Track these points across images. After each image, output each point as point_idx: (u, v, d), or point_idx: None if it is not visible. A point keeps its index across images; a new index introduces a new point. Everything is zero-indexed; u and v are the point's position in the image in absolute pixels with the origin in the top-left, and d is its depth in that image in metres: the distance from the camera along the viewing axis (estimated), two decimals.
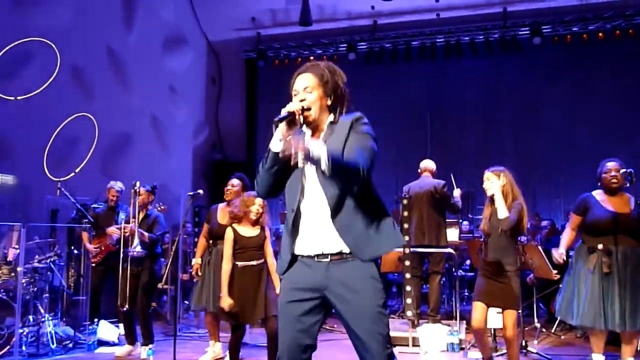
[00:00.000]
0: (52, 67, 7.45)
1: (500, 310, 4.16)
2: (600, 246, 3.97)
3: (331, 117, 2.41)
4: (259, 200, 4.34)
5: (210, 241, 5.12)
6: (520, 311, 5.66)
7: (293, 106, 2.29)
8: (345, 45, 11.26)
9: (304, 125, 2.38)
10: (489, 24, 10.90)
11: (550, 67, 11.03)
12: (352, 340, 2.30)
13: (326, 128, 2.40)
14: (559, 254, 4.30)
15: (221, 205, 5.20)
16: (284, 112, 2.27)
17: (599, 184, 4.18)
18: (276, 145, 2.26)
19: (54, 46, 7.46)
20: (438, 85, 11.62)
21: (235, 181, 5.16)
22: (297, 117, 2.27)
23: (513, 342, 4.08)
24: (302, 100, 2.34)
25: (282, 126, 2.24)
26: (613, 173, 4.07)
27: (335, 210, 2.25)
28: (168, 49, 10.44)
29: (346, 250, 2.26)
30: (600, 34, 10.47)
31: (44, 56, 7.41)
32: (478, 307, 4.09)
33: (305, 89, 2.36)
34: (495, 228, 4.04)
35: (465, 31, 11.02)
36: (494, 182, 4.12)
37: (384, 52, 11.42)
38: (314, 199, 2.31)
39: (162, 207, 5.90)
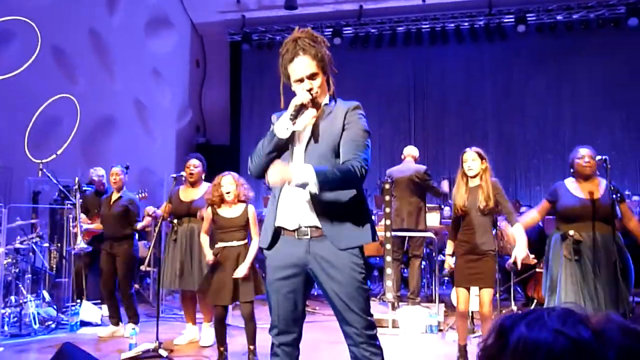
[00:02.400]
0: (33, 47, 7.35)
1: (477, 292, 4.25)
2: (571, 232, 4.00)
3: (327, 97, 2.44)
4: (227, 179, 4.25)
5: (175, 220, 5.04)
6: (498, 295, 5.79)
7: (304, 98, 2.30)
8: (331, 29, 11.25)
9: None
10: (474, 11, 10.95)
11: (534, 55, 11.12)
12: (334, 313, 2.41)
13: (323, 108, 2.42)
14: (519, 253, 4.07)
15: (182, 186, 5.15)
16: (296, 105, 2.29)
17: (571, 169, 4.17)
18: (282, 132, 2.30)
19: (34, 25, 7.36)
20: (423, 71, 11.68)
21: (195, 161, 5.09)
22: (307, 105, 2.31)
23: (489, 319, 4.16)
24: (310, 90, 2.34)
25: (291, 113, 2.29)
26: (586, 159, 4.06)
27: (316, 197, 2.30)
28: (152, 31, 10.33)
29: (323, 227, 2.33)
30: (584, 23, 10.58)
31: (24, 36, 7.30)
32: (462, 293, 4.18)
33: (311, 77, 2.35)
34: (473, 207, 4.09)
35: (450, 18, 11.06)
36: (477, 164, 4.16)
37: (370, 38, 11.43)
38: None
39: (144, 194, 5.87)
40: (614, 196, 3.95)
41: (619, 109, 10.58)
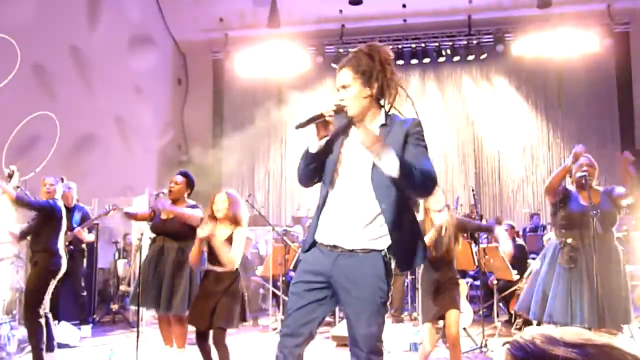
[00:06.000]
0: (12, 64, 7.26)
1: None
2: (569, 240, 3.94)
3: (382, 113, 2.36)
4: (220, 196, 4.14)
5: (154, 236, 4.77)
6: (481, 312, 5.80)
7: (323, 107, 2.27)
8: (314, 48, 11.33)
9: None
10: (454, 31, 11.13)
11: (513, 74, 11.32)
12: (347, 330, 2.35)
13: (378, 127, 2.35)
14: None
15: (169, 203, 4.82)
16: (311, 114, 2.26)
17: (582, 180, 3.96)
18: (313, 146, 2.29)
19: (14, 42, 7.28)
20: (402, 91, 11.79)
21: (178, 178, 4.79)
22: (326, 118, 2.26)
23: (457, 343, 4.10)
24: (341, 100, 2.32)
25: (315, 127, 2.27)
26: (584, 168, 3.97)
27: (394, 223, 2.28)
28: (133, 49, 10.30)
29: (359, 248, 2.30)
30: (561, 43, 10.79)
31: (3, 53, 7.22)
32: (427, 331, 4.10)
33: (343, 87, 2.33)
34: (440, 250, 4.04)
35: (431, 37, 11.22)
36: (443, 198, 4.10)
37: None
38: (344, 192, 2.33)
39: (112, 208, 5.72)
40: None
41: (593, 125, 10.80)
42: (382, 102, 2.38)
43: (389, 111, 2.38)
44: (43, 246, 4.76)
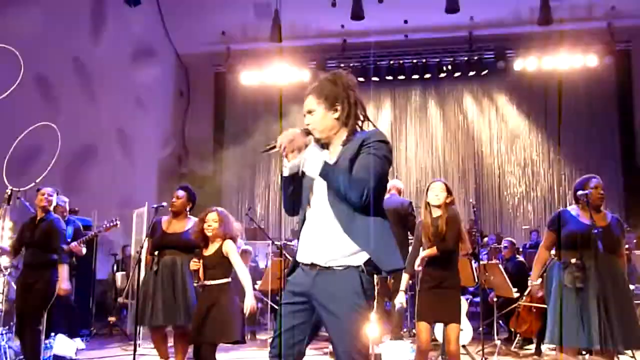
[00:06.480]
0: (16, 75, 7.29)
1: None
2: (573, 260, 3.86)
3: (345, 133, 2.43)
4: (212, 215, 4.20)
5: (157, 252, 4.73)
6: (481, 329, 5.76)
7: (280, 138, 2.34)
8: (315, 62, 11.37)
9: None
10: (455, 47, 11.18)
11: (513, 90, 11.36)
12: (332, 349, 2.39)
13: (340, 147, 2.42)
14: (535, 288, 4.25)
15: (165, 218, 4.86)
16: (272, 142, 2.37)
17: (584, 198, 3.96)
18: (285, 169, 2.40)
19: (17, 54, 7.31)
20: (404, 105, 11.84)
21: (180, 192, 4.83)
22: (281, 148, 2.34)
23: (456, 357, 4.07)
24: (307, 125, 2.42)
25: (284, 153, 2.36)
26: (601, 191, 3.99)
27: (346, 222, 2.29)
28: (136, 61, 10.34)
29: (335, 264, 2.30)
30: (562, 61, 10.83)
31: (7, 64, 7.24)
32: (424, 329, 4.05)
33: (309, 112, 2.43)
34: (437, 236, 4.02)
35: (432, 53, 11.26)
36: (443, 195, 4.11)
37: (353, 71, 11.53)
38: (318, 210, 2.38)
39: (115, 224, 5.68)
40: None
41: (593, 143, 10.81)
42: (349, 124, 2.43)
43: (354, 131, 2.44)
44: (47, 260, 4.79)
